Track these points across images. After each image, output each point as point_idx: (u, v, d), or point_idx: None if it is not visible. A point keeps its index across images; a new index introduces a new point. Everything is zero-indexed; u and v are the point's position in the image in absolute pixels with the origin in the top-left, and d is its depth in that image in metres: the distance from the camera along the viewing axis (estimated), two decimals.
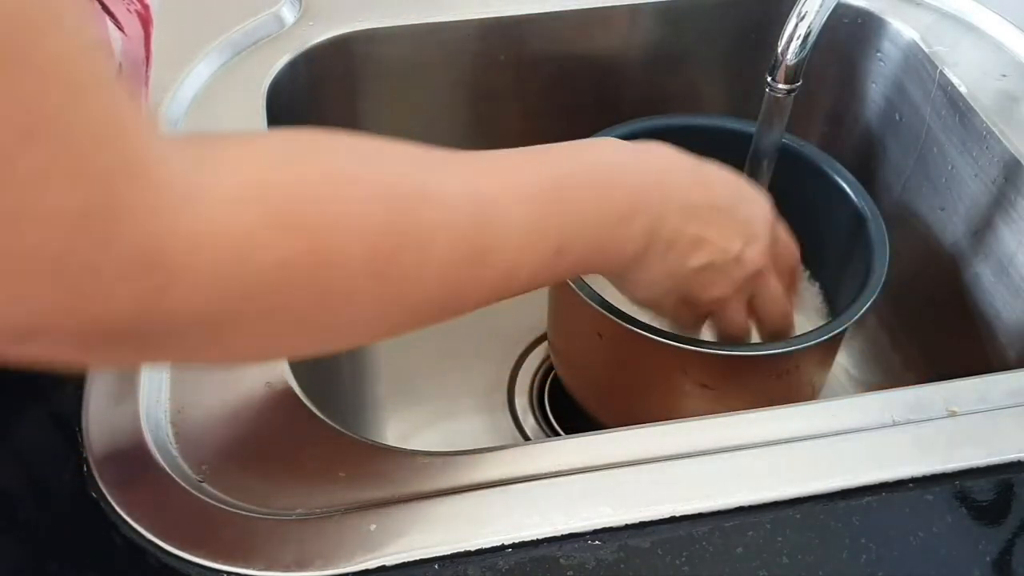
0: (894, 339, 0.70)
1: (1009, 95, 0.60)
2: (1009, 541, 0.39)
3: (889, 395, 0.43)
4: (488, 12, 0.66)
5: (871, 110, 0.70)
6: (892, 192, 0.69)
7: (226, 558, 0.36)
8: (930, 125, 0.64)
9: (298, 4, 0.67)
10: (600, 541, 0.38)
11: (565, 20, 0.67)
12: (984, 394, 0.43)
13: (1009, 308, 0.58)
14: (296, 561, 0.36)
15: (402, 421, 0.67)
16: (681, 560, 0.37)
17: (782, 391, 0.53)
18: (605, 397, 0.58)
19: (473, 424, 0.67)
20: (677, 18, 0.69)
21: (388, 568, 0.36)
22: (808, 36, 0.49)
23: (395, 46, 0.66)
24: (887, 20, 0.67)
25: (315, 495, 0.39)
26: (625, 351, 0.52)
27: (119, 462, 0.40)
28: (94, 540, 0.38)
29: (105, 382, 0.43)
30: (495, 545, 0.37)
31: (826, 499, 0.39)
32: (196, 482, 0.39)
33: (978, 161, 0.60)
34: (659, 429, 0.42)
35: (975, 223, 0.61)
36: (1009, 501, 0.40)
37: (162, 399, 0.42)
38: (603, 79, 0.70)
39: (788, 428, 0.42)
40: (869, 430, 0.42)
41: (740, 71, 0.72)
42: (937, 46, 0.64)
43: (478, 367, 0.70)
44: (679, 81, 0.72)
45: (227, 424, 0.42)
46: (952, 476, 0.40)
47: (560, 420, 0.67)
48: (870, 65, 0.69)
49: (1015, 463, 0.41)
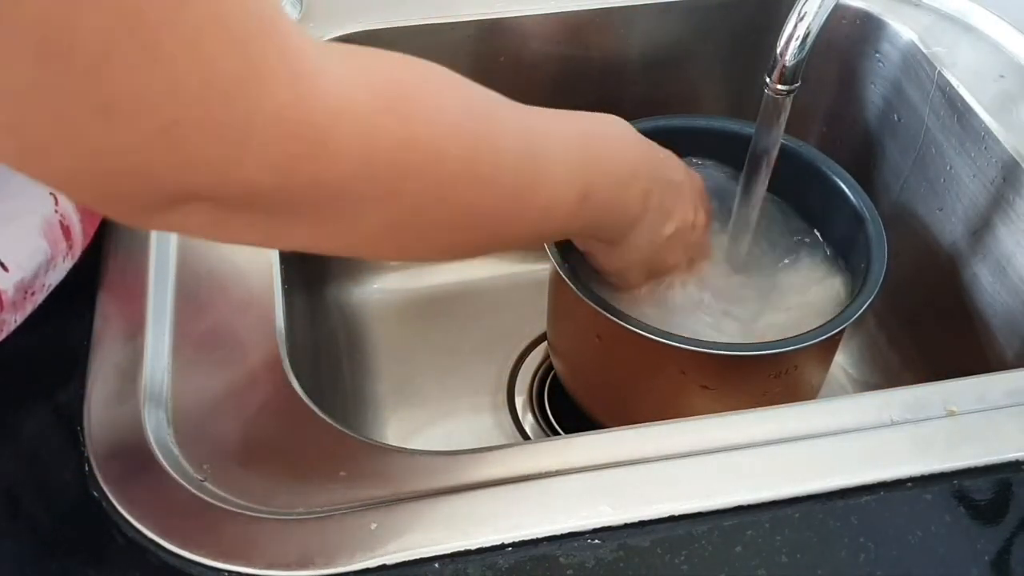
0: (893, 339, 0.70)
1: (1007, 96, 0.61)
2: (1007, 540, 0.39)
3: (888, 395, 0.44)
4: (488, 13, 0.66)
5: (870, 111, 0.71)
6: (891, 192, 0.69)
7: (227, 557, 0.37)
8: (928, 126, 0.64)
9: (299, 5, 0.67)
10: (600, 540, 0.38)
11: (565, 20, 0.67)
12: (982, 394, 0.43)
13: (1007, 308, 0.58)
14: (297, 560, 0.36)
15: (402, 421, 0.67)
16: (680, 559, 0.37)
17: (781, 391, 0.53)
18: (605, 397, 0.59)
19: (473, 424, 0.67)
20: (677, 18, 0.69)
21: (389, 567, 0.37)
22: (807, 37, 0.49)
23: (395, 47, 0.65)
24: (886, 21, 0.67)
25: (316, 494, 0.39)
26: (624, 351, 0.52)
27: (121, 461, 0.40)
28: (95, 539, 0.38)
29: (107, 381, 0.43)
30: (495, 544, 0.37)
31: (825, 498, 0.39)
32: (197, 481, 0.39)
33: (976, 162, 0.60)
34: (658, 429, 0.42)
35: (973, 223, 0.61)
36: (1007, 500, 0.40)
37: (164, 398, 0.43)
38: (603, 79, 0.70)
39: (787, 428, 0.42)
40: (868, 430, 0.42)
41: (739, 72, 0.72)
42: (936, 47, 0.64)
43: (478, 367, 0.70)
44: (679, 82, 0.72)
45: (228, 423, 0.42)
46: (950, 475, 0.40)
47: (560, 420, 0.67)
48: (869, 66, 0.69)
49: (1013, 462, 0.41)
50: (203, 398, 0.43)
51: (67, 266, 0.46)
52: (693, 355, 0.49)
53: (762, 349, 0.50)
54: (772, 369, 0.52)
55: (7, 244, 0.41)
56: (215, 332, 0.46)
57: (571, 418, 0.65)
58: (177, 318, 0.46)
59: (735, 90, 0.73)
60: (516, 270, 0.76)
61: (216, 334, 0.46)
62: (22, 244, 0.42)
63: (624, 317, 0.49)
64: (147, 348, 0.44)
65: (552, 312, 0.61)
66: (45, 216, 0.43)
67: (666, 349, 0.48)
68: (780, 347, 0.50)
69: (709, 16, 0.70)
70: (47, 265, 0.44)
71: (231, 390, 0.43)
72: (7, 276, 0.41)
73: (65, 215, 0.44)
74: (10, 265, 0.41)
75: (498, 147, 0.37)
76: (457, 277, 0.75)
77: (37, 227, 0.43)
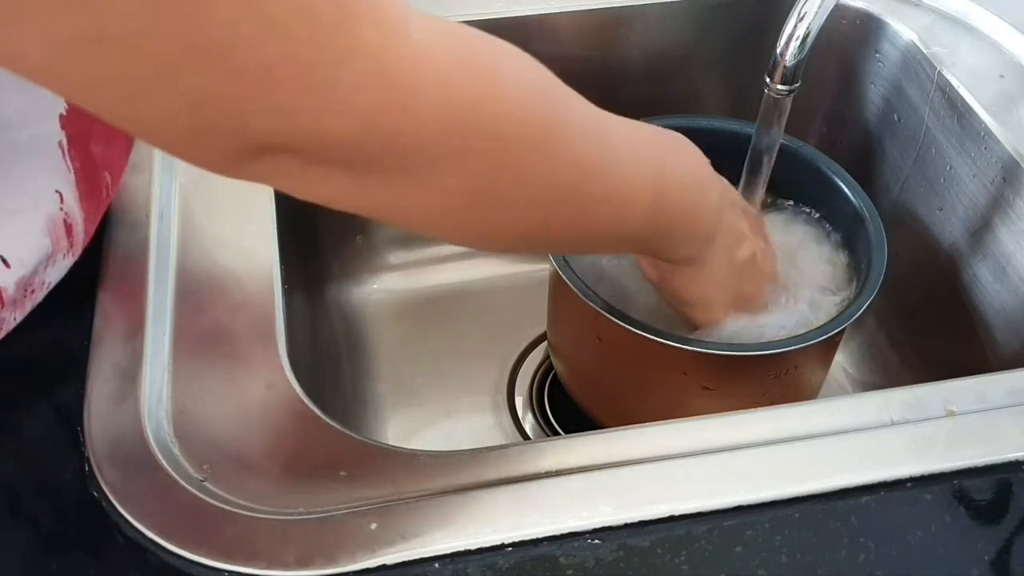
0: (892, 339, 0.70)
1: (1007, 96, 0.61)
2: (1007, 540, 0.39)
3: (888, 395, 0.44)
4: (488, 13, 0.66)
5: (870, 111, 0.71)
6: (890, 192, 0.69)
7: (227, 557, 0.37)
8: (928, 126, 0.64)
9: None
10: (600, 540, 0.38)
11: (565, 21, 0.67)
12: (982, 394, 0.43)
13: (1007, 308, 0.59)
14: (297, 560, 0.36)
15: (402, 421, 0.67)
16: (680, 559, 0.37)
17: (781, 391, 0.53)
18: (604, 397, 0.59)
19: (473, 424, 0.67)
20: (677, 18, 0.69)
21: (389, 567, 0.37)
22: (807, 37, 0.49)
23: None
24: (886, 21, 0.68)
25: (316, 494, 0.39)
26: (624, 352, 0.52)
27: (121, 461, 0.40)
28: (96, 539, 0.38)
29: (107, 381, 0.43)
30: (495, 544, 0.37)
31: (825, 498, 0.39)
32: (198, 481, 0.39)
33: (976, 162, 0.60)
34: (658, 429, 0.42)
35: (973, 223, 0.61)
36: (1007, 500, 0.40)
37: (164, 398, 0.43)
38: (603, 79, 0.70)
39: (787, 428, 0.42)
40: (868, 430, 0.42)
41: (739, 72, 0.72)
42: (936, 47, 0.64)
43: (478, 367, 0.70)
44: (679, 82, 0.72)
45: (229, 423, 0.42)
46: (950, 475, 0.40)
47: (560, 420, 0.67)
48: (869, 66, 0.69)
49: (1013, 462, 0.41)
50: (203, 398, 0.43)
51: (67, 263, 0.46)
52: (693, 355, 0.49)
53: (762, 349, 0.50)
54: (772, 369, 0.52)
55: (9, 240, 0.41)
56: (215, 332, 0.46)
57: (571, 418, 0.66)
58: (177, 318, 0.46)
59: (735, 90, 0.73)
60: (516, 270, 0.76)
61: (216, 334, 0.46)
62: (24, 240, 0.42)
63: (624, 317, 0.49)
64: (147, 348, 0.44)
65: (552, 312, 0.61)
66: (49, 213, 0.43)
67: (666, 350, 0.48)
68: (780, 347, 0.50)
69: (709, 16, 0.70)
70: (47, 261, 0.43)
71: (231, 390, 0.43)
72: (8, 272, 0.41)
73: (69, 213, 0.44)
74: (12, 261, 0.41)
75: (571, 126, 0.37)
76: (457, 277, 0.76)
77: (40, 224, 0.43)
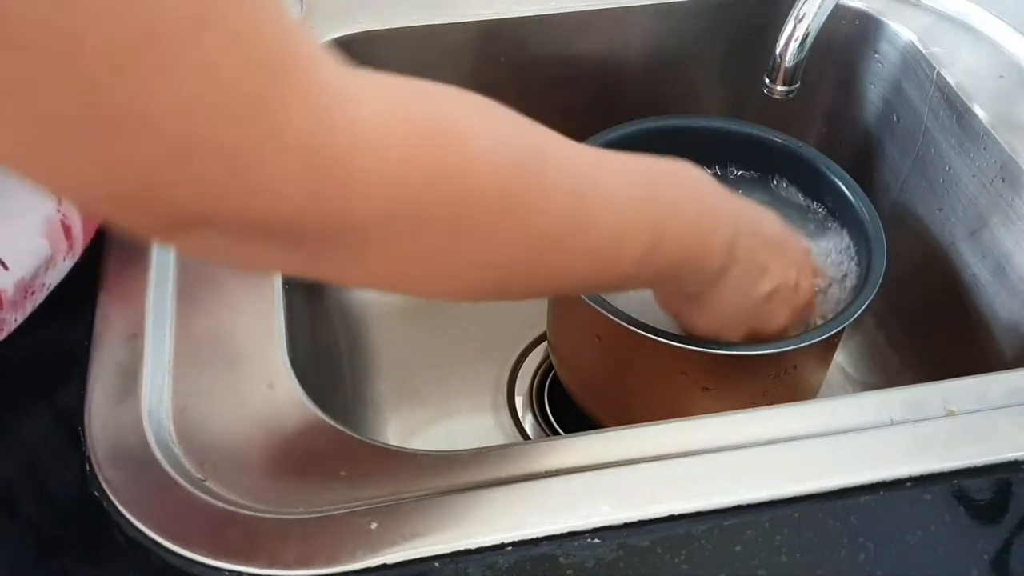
0: (892, 339, 0.70)
1: (1007, 96, 0.61)
2: (1007, 540, 0.39)
3: (887, 395, 0.44)
4: (488, 14, 0.66)
5: (869, 111, 0.71)
6: (890, 193, 0.69)
7: (228, 556, 0.37)
8: (928, 126, 0.64)
9: (299, 6, 0.67)
10: (599, 539, 0.38)
11: (565, 21, 0.67)
12: (982, 394, 0.43)
13: (1007, 308, 0.59)
14: (297, 560, 0.36)
15: (402, 421, 0.67)
16: (680, 558, 0.37)
17: (780, 391, 0.53)
18: (604, 397, 0.59)
19: (473, 424, 0.67)
20: (677, 19, 0.69)
21: (389, 566, 0.37)
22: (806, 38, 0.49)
23: (396, 48, 0.66)
24: (885, 21, 0.68)
25: (316, 494, 0.39)
26: (624, 351, 0.52)
27: (121, 461, 0.40)
28: (96, 538, 0.38)
29: (108, 381, 0.43)
30: (495, 543, 0.37)
31: (824, 498, 0.39)
32: (198, 481, 0.39)
33: (975, 162, 0.60)
34: (658, 429, 0.42)
35: (973, 223, 0.61)
36: (1007, 500, 0.40)
37: (164, 398, 0.43)
38: (603, 80, 0.70)
39: (786, 427, 0.42)
40: (867, 429, 0.42)
41: (739, 72, 0.72)
42: (935, 47, 0.64)
43: (478, 367, 0.70)
44: (678, 82, 0.72)
45: (229, 423, 0.42)
46: (950, 475, 0.40)
47: (560, 420, 0.67)
48: (868, 66, 0.70)
49: (1013, 462, 0.41)
50: (203, 398, 0.43)
51: (67, 265, 0.46)
52: (693, 355, 0.49)
53: (762, 349, 0.50)
54: (772, 369, 0.52)
55: (8, 242, 0.41)
56: (215, 332, 0.46)
57: (571, 418, 0.66)
58: (177, 318, 0.46)
59: (735, 90, 0.73)
60: None
61: (216, 334, 0.46)
62: (23, 242, 0.42)
63: (624, 317, 0.49)
64: (147, 348, 0.44)
65: (552, 312, 0.61)
66: (47, 215, 0.43)
67: (666, 349, 0.49)
68: (780, 347, 0.50)
69: (709, 16, 0.70)
70: (47, 264, 0.44)
71: (231, 390, 0.43)
72: (7, 275, 0.41)
73: (67, 214, 0.44)
74: (10, 263, 0.41)
75: (546, 181, 0.34)
76: None
77: (38, 226, 0.43)
